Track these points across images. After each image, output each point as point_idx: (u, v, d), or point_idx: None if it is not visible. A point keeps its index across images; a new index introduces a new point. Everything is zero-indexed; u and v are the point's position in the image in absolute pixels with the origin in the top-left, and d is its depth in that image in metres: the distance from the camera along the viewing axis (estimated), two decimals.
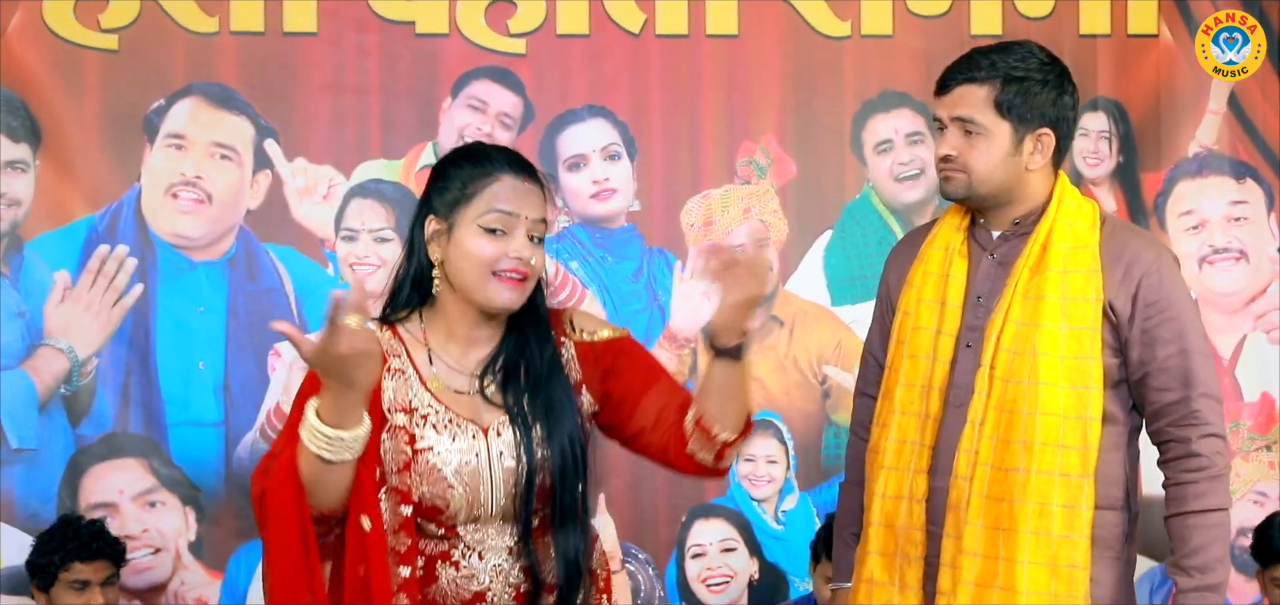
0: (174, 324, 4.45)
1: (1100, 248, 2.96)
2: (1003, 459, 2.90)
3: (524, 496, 2.62)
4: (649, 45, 4.60)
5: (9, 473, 4.38)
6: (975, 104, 2.95)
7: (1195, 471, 2.94)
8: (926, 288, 3.04)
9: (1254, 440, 4.69)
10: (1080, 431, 2.91)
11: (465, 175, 2.63)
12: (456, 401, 2.65)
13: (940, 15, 4.64)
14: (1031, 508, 2.88)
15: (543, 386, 2.66)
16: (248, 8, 4.49)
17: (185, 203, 4.47)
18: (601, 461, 4.57)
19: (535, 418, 2.64)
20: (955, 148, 2.98)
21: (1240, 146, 4.72)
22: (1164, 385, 2.94)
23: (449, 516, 2.63)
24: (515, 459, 2.62)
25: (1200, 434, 2.93)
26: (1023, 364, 2.91)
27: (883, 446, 3.03)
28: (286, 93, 4.52)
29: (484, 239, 2.59)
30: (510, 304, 2.63)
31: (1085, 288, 2.94)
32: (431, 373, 2.66)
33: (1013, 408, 2.90)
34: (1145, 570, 4.66)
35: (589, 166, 4.61)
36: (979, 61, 2.97)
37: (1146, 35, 4.69)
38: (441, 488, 2.60)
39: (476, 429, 2.63)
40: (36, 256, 4.43)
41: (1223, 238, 4.70)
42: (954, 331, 2.99)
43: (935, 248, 3.07)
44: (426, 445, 2.61)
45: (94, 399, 4.42)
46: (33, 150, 4.43)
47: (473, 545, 2.65)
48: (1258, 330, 4.70)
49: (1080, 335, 2.92)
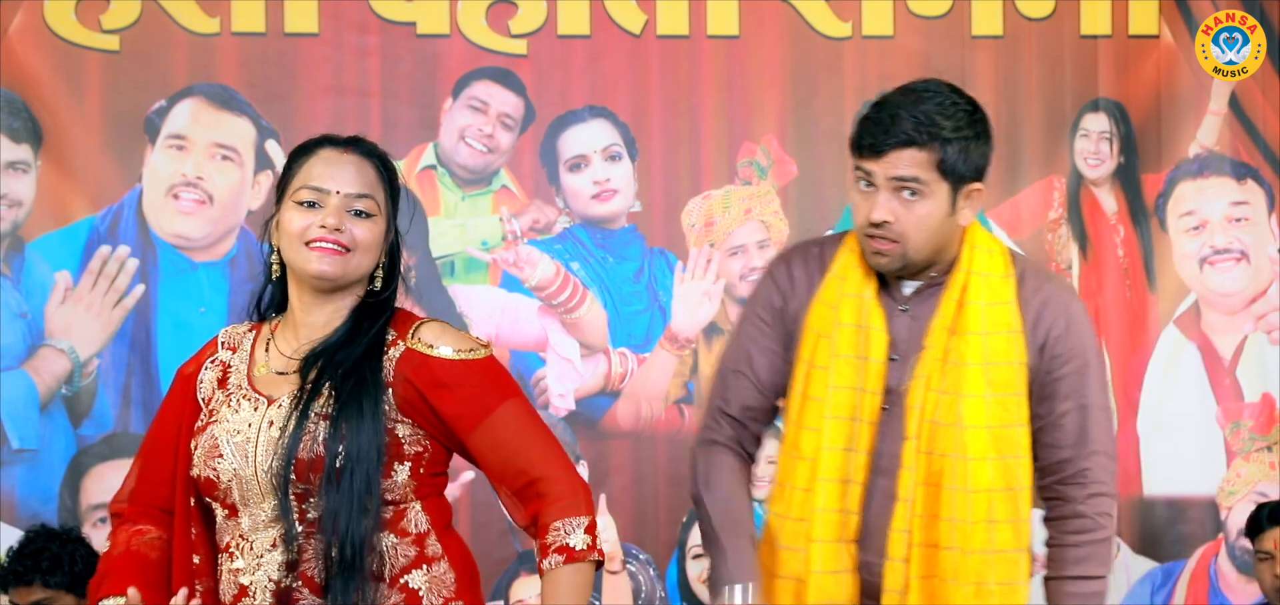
0: (175, 325, 4.45)
1: (1019, 304, 2.77)
2: (934, 536, 2.72)
3: (283, 457, 2.46)
4: (650, 46, 4.60)
5: (10, 473, 4.39)
6: (918, 165, 2.69)
7: (1077, 535, 2.79)
8: (843, 341, 2.75)
9: (1255, 441, 4.69)
10: (1011, 504, 2.75)
11: (294, 161, 2.60)
12: (267, 381, 2.56)
13: (941, 16, 4.64)
14: (969, 589, 2.72)
15: (349, 366, 2.51)
16: (249, 8, 4.49)
17: (186, 203, 4.48)
18: (602, 462, 4.61)
19: (331, 389, 2.49)
20: (892, 213, 2.70)
21: (1241, 147, 4.72)
22: (1057, 442, 2.77)
23: (222, 491, 2.51)
24: (283, 426, 2.48)
25: (1087, 494, 2.78)
26: (948, 437, 2.72)
27: (810, 516, 2.74)
28: (288, 93, 4.52)
29: (298, 212, 2.53)
30: (326, 272, 2.53)
31: (1008, 350, 2.75)
32: (263, 359, 2.60)
33: (939, 483, 2.72)
34: (1146, 571, 4.66)
35: (590, 167, 4.61)
36: (915, 122, 2.69)
37: (1147, 36, 4.69)
38: (213, 458, 2.51)
39: (264, 401, 2.54)
40: (38, 257, 4.43)
41: (1223, 238, 4.70)
42: (878, 389, 2.75)
43: (847, 295, 2.78)
44: (216, 419, 2.55)
45: (95, 399, 4.43)
46: (34, 151, 4.44)
47: (246, 535, 2.51)
48: (1258, 331, 4.70)
49: (1006, 402, 2.74)
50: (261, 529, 2.51)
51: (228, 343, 2.65)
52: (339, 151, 2.56)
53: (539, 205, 4.59)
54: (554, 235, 4.60)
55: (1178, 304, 4.71)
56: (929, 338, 2.75)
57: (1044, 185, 4.68)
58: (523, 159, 4.58)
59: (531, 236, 4.58)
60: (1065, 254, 4.68)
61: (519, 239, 4.57)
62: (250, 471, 2.50)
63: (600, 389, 4.59)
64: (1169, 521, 4.69)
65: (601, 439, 4.56)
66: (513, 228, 4.58)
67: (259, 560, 2.50)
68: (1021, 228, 4.67)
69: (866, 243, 2.75)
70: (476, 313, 4.55)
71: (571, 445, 4.52)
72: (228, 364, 2.62)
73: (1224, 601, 4.66)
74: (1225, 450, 4.69)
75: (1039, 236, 4.68)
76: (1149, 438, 4.69)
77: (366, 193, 2.54)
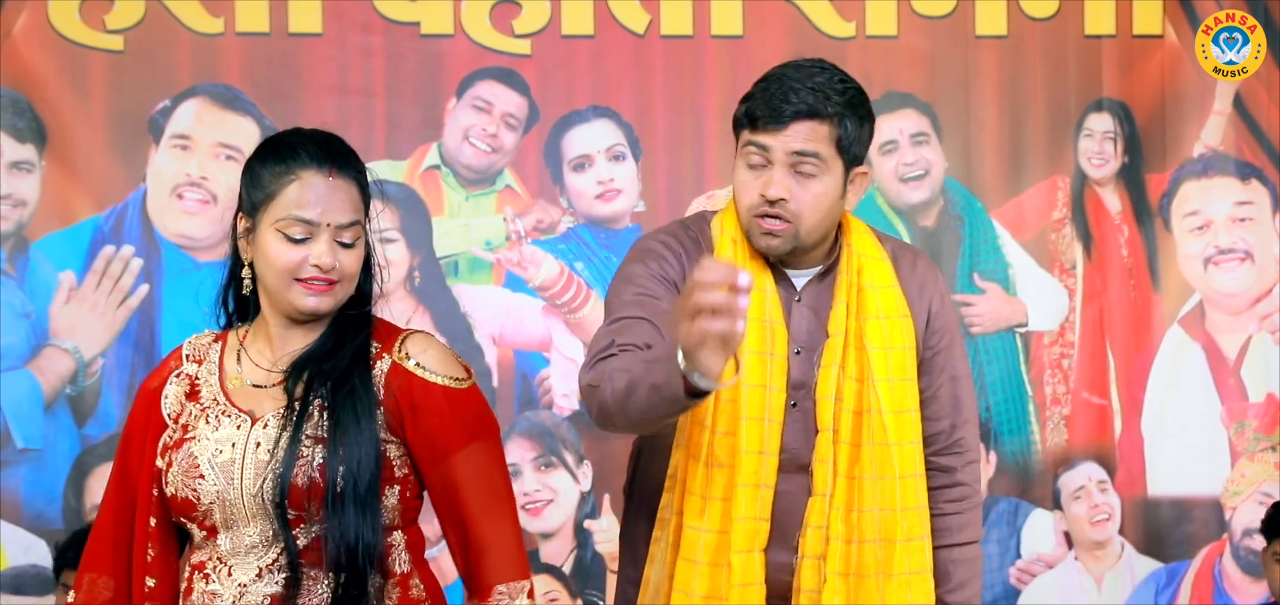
0: (179, 324, 4.45)
1: (901, 286, 2.73)
2: (853, 530, 2.64)
3: (278, 486, 2.35)
4: (654, 46, 4.60)
5: (14, 473, 4.39)
6: (818, 139, 2.60)
7: (958, 501, 2.76)
8: (749, 335, 2.59)
9: (1259, 441, 4.68)
10: (919, 490, 2.70)
11: (268, 173, 2.42)
12: (244, 394, 2.45)
13: (945, 16, 4.64)
14: (894, 582, 2.65)
15: (339, 381, 2.41)
16: (253, 8, 4.50)
17: (190, 203, 4.48)
18: (605, 462, 4.61)
19: (322, 407, 2.39)
20: (788, 190, 2.59)
21: (1245, 147, 4.71)
22: (936, 414, 2.75)
23: (202, 512, 2.41)
24: (272, 448, 2.38)
25: (965, 461, 2.77)
26: (868, 424, 2.65)
27: (728, 526, 2.60)
28: (292, 93, 4.52)
29: (283, 244, 2.39)
30: (316, 309, 2.42)
31: (901, 335, 2.70)
32: (235, 371, 2.48)
33: (860, 473, 2.64)
34: (1150, 571, 4.66)
35: (594, 167, 4.61)
36: (815, 94, 2.60)
37: (1152, 36, 4.69)
38: (193, 478, 2.40)
39: (247, 419, 2.43)
40: (42, 257, 4.44)
41: (1228, 238, 4.70)
42: (782, 386, 2.63)
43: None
44: (191, 436, 2.43)
45: (99, 399, 4.43)
46: (38, 151, 4.44)
47: (225, 557, 2.42)
48: (1263, 331, 4.69)
49: (906, 386, 2.70)
50: (243, 552, 2.42)
51: (193, 355, 2.54)
52: (324, 176, 2.42)
53: (543, 205, 4.59)
54: (558, 235, 4.60)
55: (1182, 304, 4.71)
56: (833, 325, 2.67)
57: (1048, 185, 4.68)
58: (527, 159, 4.58)
59: (535, 236, 4.58)
60: (1069, 254, 4.68)
61: (523, 239, 4.57)
62: (235, 494, 2.39)
63: None
64: (1173, 522, 4.68)
65: (604, 439, 4.55)
66: (516, 228, 4.58)
67: (242, 588, 2.41)
68: (1025, 228, 4.67)
69: (755, 224, 2.63)
70: (480, 313, 4.55)
71: (575, 445, 4.52)
72: (195, 377, 2.51)
73: (1228, 602, 4.65)
74: (1229, 451, 4.69)
75: (1043, 236, 4.68)
76: (1153, 438, 4.68)
77: (355, 220, 2.45)
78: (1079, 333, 4.67)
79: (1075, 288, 4.69)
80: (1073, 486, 4.65)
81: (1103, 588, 4.64)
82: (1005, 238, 4.67)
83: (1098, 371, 4.67)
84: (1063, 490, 4.65)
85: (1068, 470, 4.65)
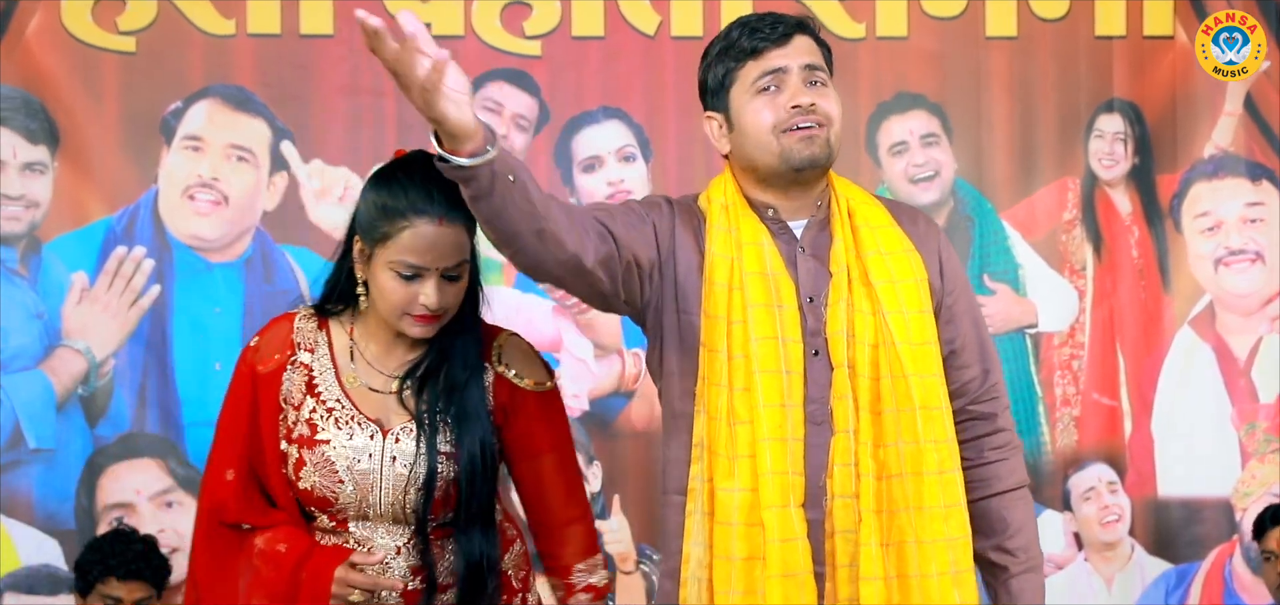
0: (191, 325, 4.46)
1: (899, 223, 2.71)
2: (883, 467, 2.60)
3: (421, 501, 2.64)
4: (664, 47, 4.60)
5: (27, 473, 4.40)
6: (816, 53, 2.65)
7: (1001, 448, 2.71)
8: (753, 289, 2.61)
9: (1270, 442, 4.68)
10: (943, 423, 2.63)
11: (383, 212, 2.63)
12: (367, 399, 2.69)
13: (955, 17, 4.64)
14: (928, 516, 2.59)
15: (458, 394, 2.67)
16: (264, 10, 4.51)
17: (202, 204, 4.49)
18: (616, 462, 4.61)
19: (444, 424, 2.66)
20: (812, 96, 2.60)
21: (1256, 148, 4.71)
22: (966, 362, 2.70)
23: (338, 510, 2.67)
24: (409, 464, 2.64)
25: (1002, 407, 2.72)
26: (883, 356, 2.61)
27: (757, 483, 2.57)
28: (303, 94, 4.53)
29: (396, 281, 2.62)
30: (424, 335, 2.67)
31: (907, 269, 2.66)
32: (350, 369, 2.70)
33: (878, 408, 2.60)
34: (1160, 572, 4.65)
35: (604, 168, 4.61)
36: (796, 17, 2.66)
37: (1162, 37, 4.68)
38: (332, 482, 2.65)
39: (376, 429, 2.67)
40: (55, 258, 4.45)
41: (1239, 239, 4.69)
42: (798, 337, 2.60)
43: (744, 243, 2.64)
44: (324, 438, 2.66)
45: (111, 399, 4.44)
46: (51, 152, 4.45)
47: (362, 540, 2.68)
48: (1273, 332, 4.69)
49: (921, 319, 2.64)
50: (380, 536, 2.68)
51: (304, 343, 2.72)
52: (434, 227, 2.60)
53: None
54: None
55: (1193, 305, 4.70)
56: (833, 263, 2.65)
57: (1058, 186, 4.68)
58: (537, 160, 4.58)
59: None
60: (1079, 255, 4.68)
61: None
62: (374, 499, 2.65)
63: (614, 389, 4.60)
64: (1184, 523, 4.68)
65: (615, 439, 4.57)
66: None
67: (383, 564, 2.65)
68: (1036, 228, 4.67)
69: (789, 138, 2.60)
70: (491, 313, 4.55)
71: (585, 445, 4.52)
72: (310, 367, 2.70)
73: (1239, 603, 4.65)
74: (1240, 452, 4.69)
75: (1053, 237, 4.68)
76: (1163, 439, 4.68)
77: (462, 260, 2.65)
78: (1089, 334, 4.67)
79: (1085, 289, 4.69)
80: (1083, 487, 4.65)
81: (1113, 589, 4.64)
82: (1015, 239, 4.67)
83: (1108, 372, 4.67)
84: (1073, 491, 4.65)
85: (1078, 471, 4.65)
